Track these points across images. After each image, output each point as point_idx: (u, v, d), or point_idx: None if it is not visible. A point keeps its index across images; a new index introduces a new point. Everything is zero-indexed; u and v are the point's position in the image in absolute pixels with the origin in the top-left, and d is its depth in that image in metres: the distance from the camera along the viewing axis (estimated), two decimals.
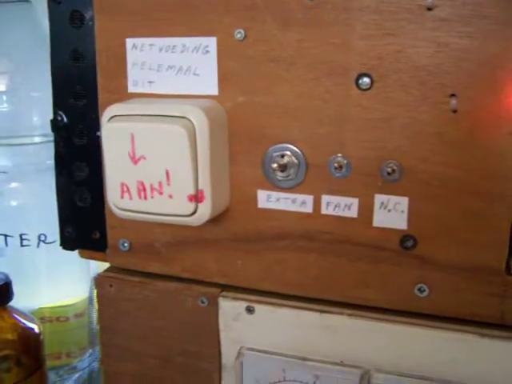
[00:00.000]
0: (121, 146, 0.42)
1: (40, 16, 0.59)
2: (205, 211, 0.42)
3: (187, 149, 0.40)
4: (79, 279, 0.65)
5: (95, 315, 0.67)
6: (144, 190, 0.42)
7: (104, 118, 0.43)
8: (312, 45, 0.41)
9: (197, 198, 0.41)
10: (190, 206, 0.41)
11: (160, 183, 0.42)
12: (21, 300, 0.57)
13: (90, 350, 0.67)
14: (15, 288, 0.56)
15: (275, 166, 0.43)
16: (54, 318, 0.64)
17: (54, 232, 0.52)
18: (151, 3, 0.44)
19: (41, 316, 0.64)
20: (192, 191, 0.41)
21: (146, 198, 0.42)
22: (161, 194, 0.42)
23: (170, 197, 0.42)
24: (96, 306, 0.67)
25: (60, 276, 0.63)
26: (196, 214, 0.42)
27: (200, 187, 0.41)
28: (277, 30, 0.41)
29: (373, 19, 0.39)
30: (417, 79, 0.39)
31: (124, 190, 0.43)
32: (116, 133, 0.42)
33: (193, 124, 0.40)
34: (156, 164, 0.41)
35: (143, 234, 0.48)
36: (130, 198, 0.43)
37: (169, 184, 0.41)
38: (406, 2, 0.38)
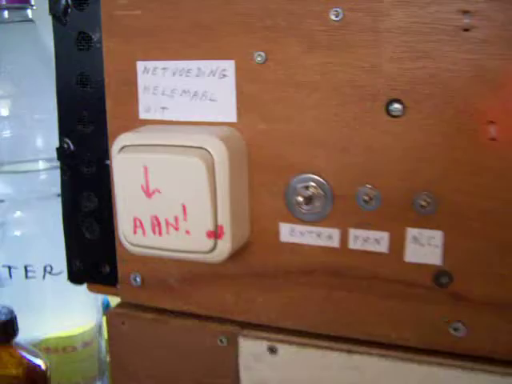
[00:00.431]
0: (133, 179, 0.39)
1: (44, 36, 0.56)
2: (224, 248, 0.39)
3: (205, 182, 0.37)
4: (86, 306, 0.62)
5: (104, 344, 0.65)
6: (159, 225, 0.39)
7: (115, 148, 0.40)
8: (338, 68, 0.38)
9: (216, 234, 0.39)
10: (209, 243, 0.39)
11: (176, 218, 0.39)
12: (25, 330, 0.54)
13: (99, 383, 0.65)
14: (19, 318, 0.53)
15: (299, 197, 0.40)
16: (60, 348, 0.61)
17: (60, 262, 0.49)
18: (164, 24, 0.41)
19: (46, 347, 0.61)
20: (211, 227, 0.38)
21: (160, 233, 0.39)
22: (177, 229, 0.39)
23: (187, 233, 0.39)
24: (105, 334, 0.64)
25: (66, 304, 0.60)
26: (215, 251, 0.39)
27: (219, 223, 0.38)
28: (300, 53, 0.38)
29: (404, 41, 0.36)
30: (452, 105, 0.36)
31: (137, 224, 0.40)
32: (128, 164, 0.39)
33: (211, 155, 0.38)
34: (172, 198, 0.38)
35: (156, 268, 0.45)
36: (144, 234, 0.40)
37: (185, 219, 0.39)
38: (440, 23, 0.36)
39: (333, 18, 0.37)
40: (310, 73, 0.38)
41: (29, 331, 0.57)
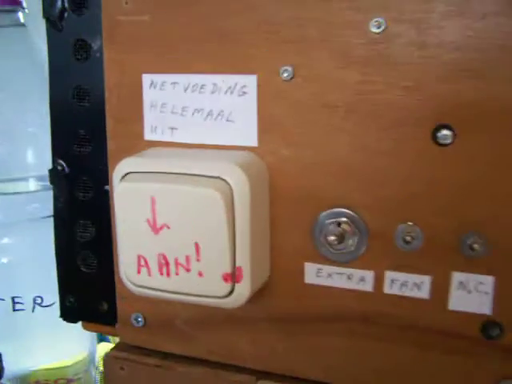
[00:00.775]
0: (138, 211, 0.34)
1: (37, 42, 0.51)
2: (243, 292, 0.34)
3: (223, 218, 0.32)
4: (78, 335, 0.56)
5: (97, 376, 0.59)
6: (167, 265, 0.34)
7: (116, 175, 0.35)
8: (377, 88, 0.33)
9: (234, 277, 0.33)
10: (225, 287, 0.34)
11: (187, 258, 0.34)
12: (12, 363, 0.49)
13: None
14: (4, 349, 0.48)
15: (329, 235, 0.35)
16: (51, 381, 0.55)
17: (51, 293, 0.44)
18: (175, 32, 0.36)
19: (35, 380, 0.55)
20: (228, 269, 0.33)
21: (168, 274, 0.34)
22: (188, 270, 0.34)
23: (200, 275, 0.34)
24: (100, 366, 0.59)
25: (57, 334, 0.55)
26: (232, 296, 0.34)
27: (238, 264, 0.33)
28: (333, 68, 0.33)
29: (455, 58, 0.31)
30: (509, 134, 0.31)
31: (141, 263, 0.35)
32: (132, 195, 0.34)
33: (230, 186, 0.32)
34: (183, 235, 0.33)
35: (161, 307, 0.39)
36: (149, 274, 0.35)
37: (198, 260, 0.33)
38: (498, 37, 0.30)
39: (373, 29, 0.32)
40: (344, 92, 0.33)
41: (16, 363, 0.52)
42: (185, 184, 0.33)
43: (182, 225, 0.33)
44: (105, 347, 0.62)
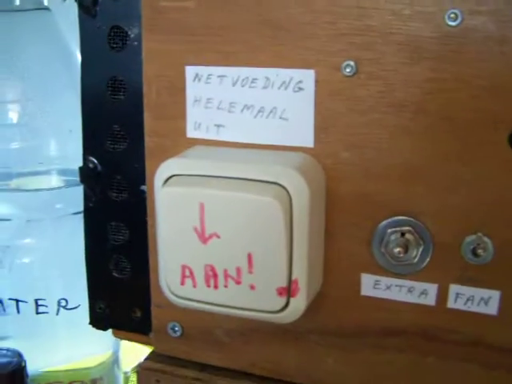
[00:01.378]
0: (185, 219, 0.31)
1: (62, 27, 0.47)
2: (298, 306, 0.31)
3: (281, 228, 0.29)
4: (101, 336, 0.53)
5: (121, 378, 0.57)
6: (215, 276, 0.31)
7: (159, 177, 0.32)
8: (450, 87, 0.30)
9: (289, 290, 0.31)
10: (280, 301, 0.31)
11: (238, 270, 0.31)
12: (30, 362, 0.47)
13: None
14: (24, 348, 0.45)
15: (391, 245, 0.32)
16: (65, 383, 0.53)
17: (77, 295, 0.41)
18: (223, 20, 0.32)
19: (56, 380, 0.52)
20: (284, 283, 0.30)
21: (216, 287, 0.32)
22: (238, 283, 0.31)
23: (252, 288, 0.31)
24: (122, 367, 0.56)
25: (79, 334, 0.52)
26: (286, 311, 0.31)
27: (294, 277, 0.31)
28: (401, 64, 0.30)
29: None
30: None
31: (186, 274, 0.32)
32: (179, 201, 0.31)
33: (288, 193, 0.30)
34: (234, 245, 0.31)
35: (201, 317, 0.37)
36: (194, 286, 0.32)
37: (251, 272, 0.31)
38: None
39: (449, 22, 0.29)
40: (413, 90, 0.30)
41: (34, 362, 0.49)
42: (238, 190, 0.30)
43: (233, 234, 0.30)
44: (128, 345, 0.59)
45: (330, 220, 0.33)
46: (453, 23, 0.29)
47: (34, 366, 0.49)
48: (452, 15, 0.29)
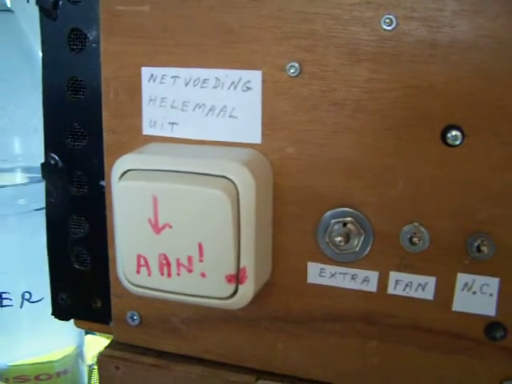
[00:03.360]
0: (139, 211, 0.33)
1: (25, 28, 0.49)
2: (246, 293, 0.33)
3: (229, 218, 0.31)
4: (65, 330, 0.55)
5: (85, 371, 0.58)
6: (168, 265, 0.33)
7: (115, 172, 0.34)
8: (387, 86, 0.32)
9: (238, 278, 0.33)
10: (229, 288, 0.33)
11: (190, 259, 0.33)
12: None
13: None
14: None
15: (334, 235, 0.34)
16: (32, 376, 0.54)
17: (40, 288, 0.43)
18: (177, 24, 0.34)
19: (18, 375, 0.54)
20: (232, 270, 0.32)
21: (169, 275, 0.33)
22: (190, 271, 0.33)
23: (203, 275, 0.33)
24: (86, 360, 0.58)
25: (43, 329, 0.53)
26: (235, 297, 0.33)
27: (242, 265, 0.33)
28: (341, 66, 0.32)
29: (467, 58, 0.31)
30: None
31: (141, 263, 0.34)
32: (133, 194, 0.33)
33: (236, 186, 0.32)
34: (185, 235, 0.32)
35: (158, 306, 0.39)
36: (149, 274, 0.34)
37: (201, 260, 0.32)
38: (511, 37, 0.30)
39: (384, 26, 0.31)
40: (352, 90, 0.33)
41: None
42: (189, 183, 0.32)
43: (184, 225, 0.32)
44: (92, 339, 0.61)
45: (277, 212, 0.35)
46: (388, 28, 0.31)
47: None
48: (387, 20, 0.31)
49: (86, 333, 0.58)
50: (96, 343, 0.59)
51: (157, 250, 0.33)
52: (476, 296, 0.34)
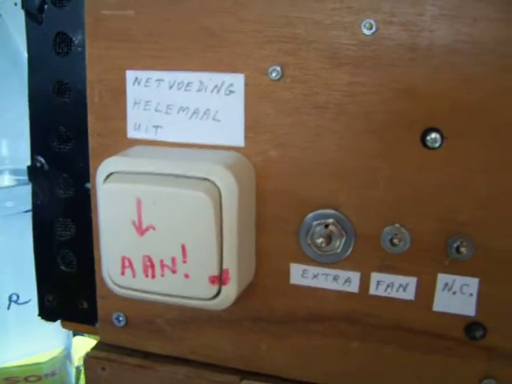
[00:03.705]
0: (123, 213, 0.33)
1: (12, 31, 0.49)
2: (229, 294, 0.34)
3: (211, 220, 0.32)
4: (53, 332, 0.55)
5: (73, 372, 0.58)
6: (152, 266, 0.34)
7: (100, 174, 0.34)
8: (367, 89, 0.33)
9: (220, 279, 0.33)
10: (212, 289, 0.33)
11: (173, 260, 0.33)
12: None
13: None
14: None
15: (316, 236, 0.34)
16: (21, 378, 0.54)
17: (27, 290, 0.43)
18: (161, 28, 0.35)
19: (7, 376, 0.54)
20: (215, 271, 0.33)
21: (154, 276, 0.34)
22: (174, 272, 0.33)
23: (186, 277, 0.33)
24: (74, 361, 0.58)
25: (31, 329, 0.54)
26: (218, 298, 0.34)
27: (225, 266, 0.33)
28: (323, 69, 0.33)
29: (448, 61, 0.31)
30: (501, 137, 0.31)
31: (126, 265, 0.34)
32: (117, 196, 0.33)
33: (218, 189, 0.32)
34: (169, 237, 0.33)
35: (143, 307, 0.39)
36: (133, 276, 0.34)
37: (185, 261, 0.33)
38: (489, 42, 0.31)
39: (365, 31, 0.32)
40: (333, 93, 0.33)
41: None
42: (172, 186, 0.32)
43: (168, 227, 0.33)
44: (80, 341, 0.61)
45: (260, 214, 0.35)
46: (368, 32, 0.32)
47: None
48: (367, 25, 0.32)
49: (75, 334, 0.58)
50: (84, 345, 0.59)
51: (141, 252, 0.33)
52: (456, 296, 0.34)
